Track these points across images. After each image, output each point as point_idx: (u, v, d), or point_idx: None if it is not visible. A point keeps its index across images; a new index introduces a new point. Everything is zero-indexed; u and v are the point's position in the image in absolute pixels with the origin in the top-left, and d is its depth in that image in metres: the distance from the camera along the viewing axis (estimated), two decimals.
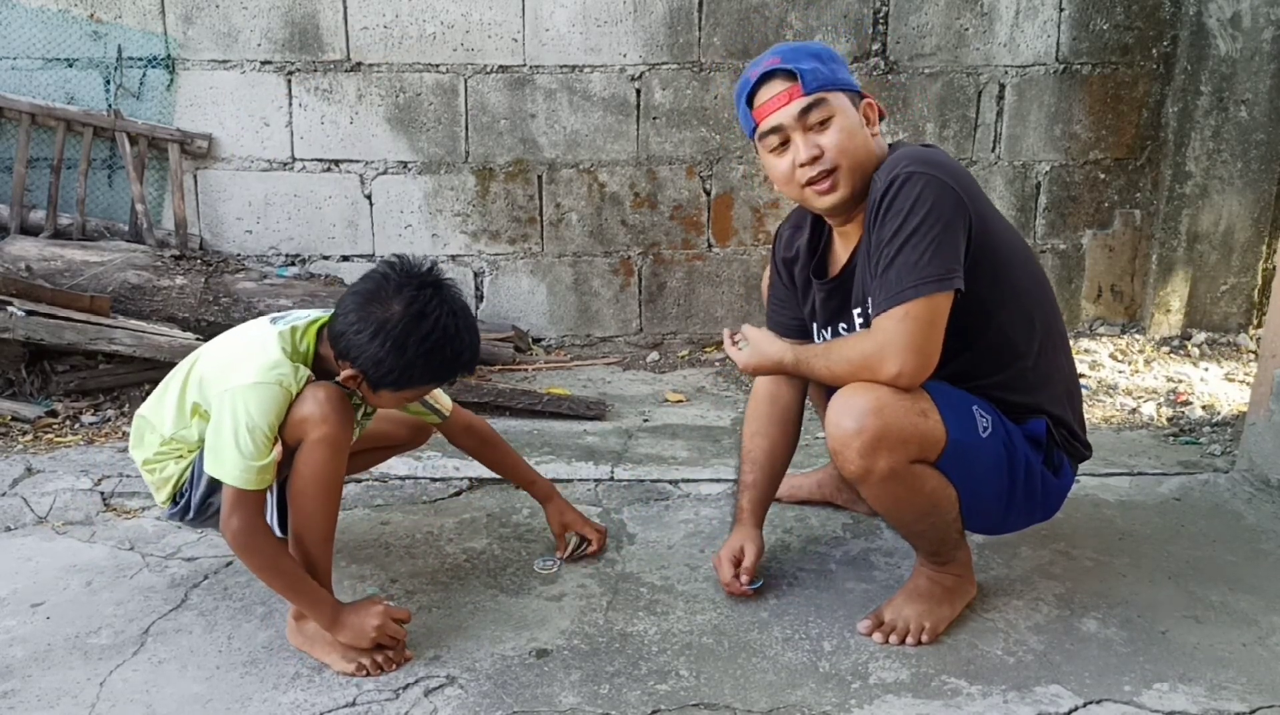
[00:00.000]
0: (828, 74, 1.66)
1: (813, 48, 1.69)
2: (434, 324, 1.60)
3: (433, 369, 1.64)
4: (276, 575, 1.63)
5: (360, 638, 1.64)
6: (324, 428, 1.61)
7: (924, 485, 1.65)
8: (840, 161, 1.67)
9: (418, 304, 1.59)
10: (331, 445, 1.63)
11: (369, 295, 1.62)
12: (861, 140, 1.68)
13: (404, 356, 1.59)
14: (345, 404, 1.66)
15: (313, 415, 1.61)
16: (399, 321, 1.58)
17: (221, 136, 3.55)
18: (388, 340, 1.58)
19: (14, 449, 2.62)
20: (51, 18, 3.41)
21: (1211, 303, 3.78)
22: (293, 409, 1.62)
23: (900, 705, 1.58)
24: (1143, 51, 3.66)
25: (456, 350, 1.64)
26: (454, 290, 1.66)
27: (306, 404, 1.61)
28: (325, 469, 1.64)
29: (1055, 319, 1.81)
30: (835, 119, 1.66)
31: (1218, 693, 1.62)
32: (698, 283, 3.78)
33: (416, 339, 1.59)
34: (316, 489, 1.65)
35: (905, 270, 1.56)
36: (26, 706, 1.56)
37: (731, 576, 1.89)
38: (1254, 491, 2.39)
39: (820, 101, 1.65)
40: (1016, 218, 3.76)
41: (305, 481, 1.64)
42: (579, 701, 1.58)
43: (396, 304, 1.59)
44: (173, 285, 3.22)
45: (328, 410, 1.61)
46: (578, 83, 3.58)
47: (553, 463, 2.57)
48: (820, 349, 1.71)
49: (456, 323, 1.63)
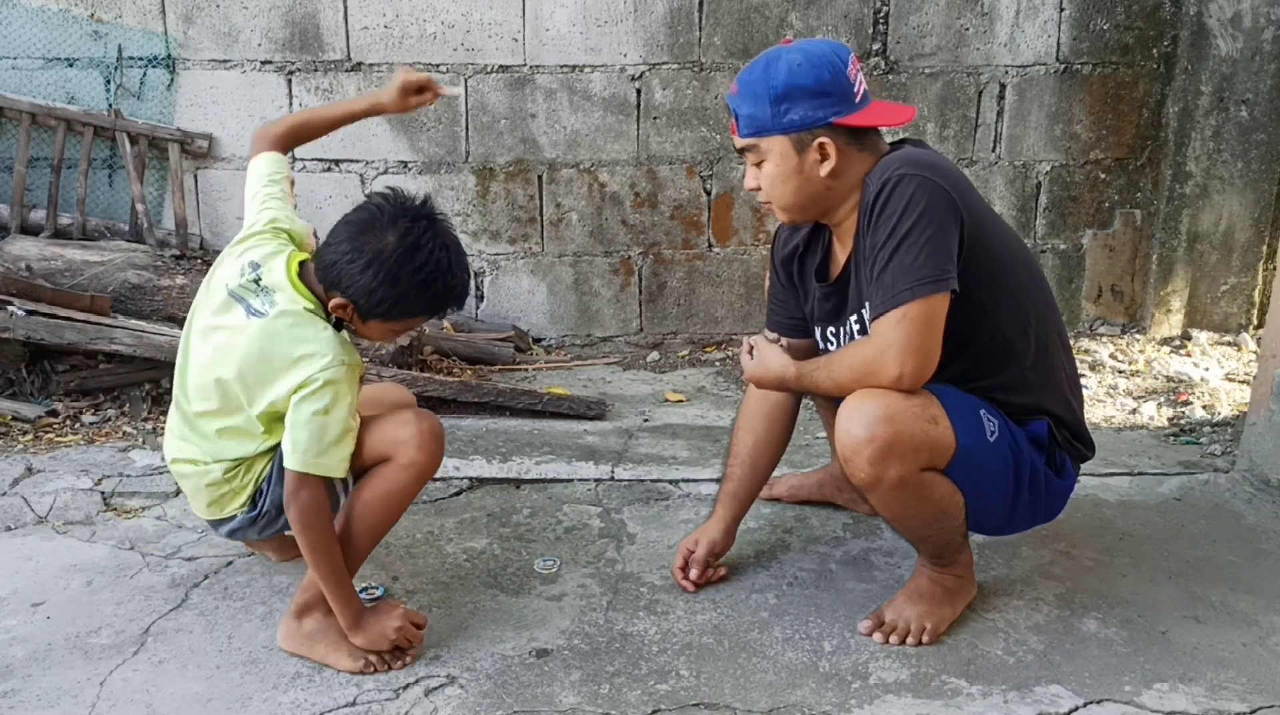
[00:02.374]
0: (763, 120, 1.66)
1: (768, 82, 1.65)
2: (428, 256, 1.59)
3: (425, 301, 1.64)
4: (326, 560, 1.62)
5: (380, 640, 1.65)
6: (420, 456, 1.65)
7: (933, 492, 1.65)
8: (770, 199, 1.74)
9: (412, 236, 1.59)
10: (420, 476, 1.67)
11: (363, 225, 1.61)
12: (796, 184, 1.69)
13: (397, 287, 1.59)
14: (443, 437, 1.69)
15: (410, 440, 1.64)
16: (393, 252, 1.58)
17: (222, 136, 3.55)
18: (381, 270, 1.58)
19: (14, 449, 2.62)
20: (52, 17, 3.41)
21: (1212, 303, 3.78)
22: (388, 426, 1.65)
23: (900, 705, 1.58)
24: (1143, 51, 3.66)
25: (449, 283, 1.64)
26: (447, 224, 1.66)
27: (406, 427, 1.64)
28: (403, 495, 1.68)
29: (1054, 319, 1.81)
30: (765, 164, 1.70)
31: (1218, 693, 1.62)
32: (698, 283, 3.78)
33: (410, 270, 1.59)
34: (386, 508, 1.68)
35: (900, 273, 1.57)
36: (27, 706, 1.56)
37: (678, 567, 1.95)
38: (1254, 491, 2.39)
39: (752, 147, 1.70)
40: (1017, 218, 3.77)
41: (379, 498, 1.66)
42: (579, 701, 1.59)
43: (390, 235, 1.59)
44: (173, 285, 3.22)
45: (428, 440, 1.65)
46: (578, 82, 3.58)
47: (553, 462, 2.57)
48: (822, 361, 1.72)
49: (449, 256, 1.62)
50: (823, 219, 1.79)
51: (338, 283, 1.61)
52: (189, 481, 1.75)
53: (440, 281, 1.63)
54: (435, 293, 1.64)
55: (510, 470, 2.53)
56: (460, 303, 1.71)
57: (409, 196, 1.65)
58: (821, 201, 1.73)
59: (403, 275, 1.59)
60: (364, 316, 1.64)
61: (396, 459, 1.64)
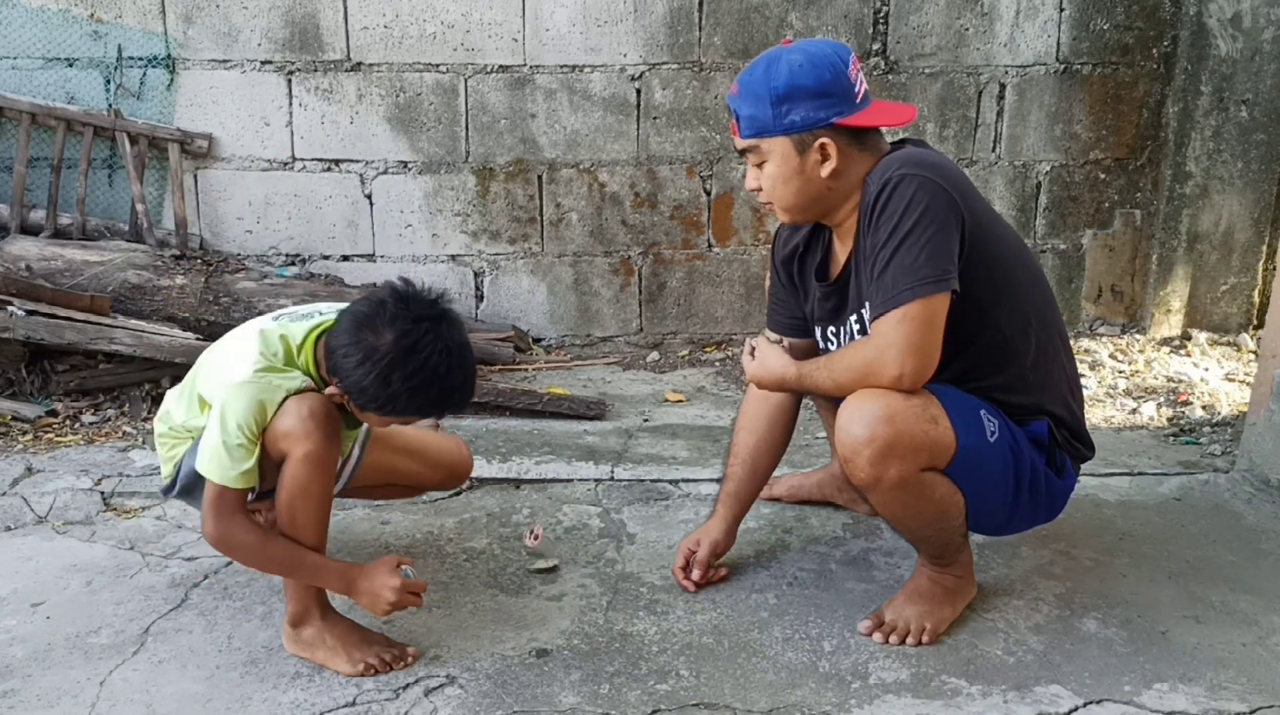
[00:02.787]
0: (764, 121, 1.66)
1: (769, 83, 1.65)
2: (423, 361, 1.55)
3: (416, 404, 1.60)
4: (269, 561, 1.63)
5: (377, 601, 1.62)
6: (306, 444, 1.57)
7: (933, 493, 1.65)
8: (771, 200, 1.74)
9: (410, 338, 1.55)
10: (314, 461, 1.59)
11: (364, 319, 1.58)
12: (797, 185, 1.69)
13: (387, 388, 1.56)
14: (329, 418, 1.61)
15: (294, 431, 1.57)
16: (387, 352, 1.54)
17: (222, 136, 3.55)
18: (373, 369, 1.55)
19: (14, 448, 2.62)
20: (52, 17, 3.41)
21: (1212, 303, 3.78)
22: (275, 422, 1.58)
23: (900, 705, 1.58)
24: (1143, 51, 3.66)
25: (445, 389, 1.60)
26: (455, 325, 1.61)
27: (288, 418, 1.58)
28: (311, 486, 1.61)
29: (1054, 319, 1.81)
30: (766, 164, 1.70)
31: (1218, 693, 1.62)
32: (698, 282, 3.78)
33: (402, 374, 1.55)
34: (304, 504, 1.62)
35: (901, 273, 1.57)
36: (26, 706, 1.56)
37: (679, 567, 1.95)
38: (1254, 491, 2.39)
39: (753, 148, 1.70)
40: (1017, 218, 3.77)
41: (292, 497, 1.61)
42: (579, 701, 1.59)
43: (388, 333, 1.55)
44: (173, 285, 3.22)
45: (310, 426, 1.57)
46: (578, 82, 3.58)
47: (553, 462, 2.57)
48: (822, 361, 1.72)
49: (449, 361, 1.57)
50: (823, 219, 1.79)
51: (335, 371, 1.61)
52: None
53: (434, 388, 1.58)
54: (427, 398, 1.60)
55: (510, 470, 2.53)
56: (459, 408, 1.68)
57: (421, 291, 1.61)
58: (823, 202, 1.73)
59: (394, 378, 1.54)
60: (359, 407, 1.63)
61: (292, 453, 1.59)
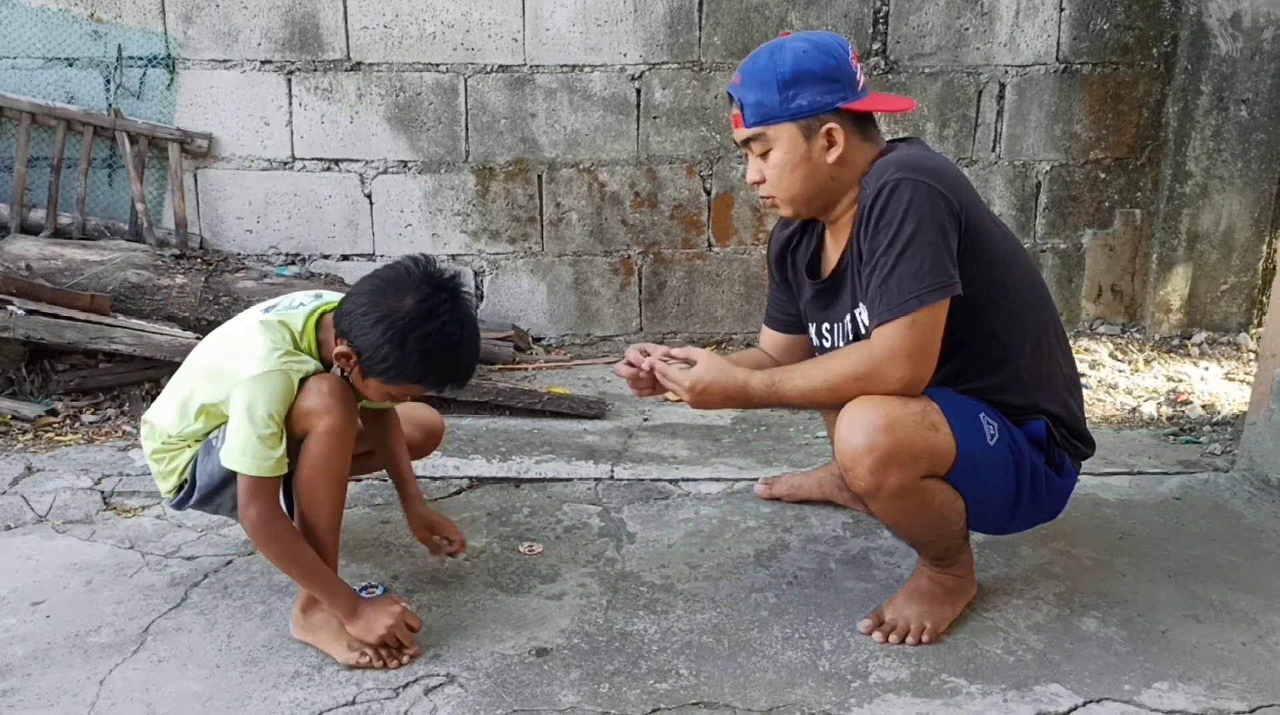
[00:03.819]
0: (771, 107, 1.65)
1: (775, 68, 1.64)
2: (440, 326, 1.61)
3: (426, 369, 1.64)
4: (295, 564, 1.65)
5: (368, 633, 1.65)
6: (328, 419, 1.63)
7: (933, 500, 1.65)
8: (775, 193, 1.72)
9: (430, 302, 1.61)
10: (336, 436, 1.64)
11: (387, 281, 1.64)
12: (804, 173, 1.69)
13: (401, 350, 1.60)
14: (348, 395, 1.67)
15: (316, 407, 1.62)
16: (406, 314, 1.60)
17: (222, 136, 3.55)
18: (390, 329, 1.59)
19: (14, 448, 2.62)
20: (51, 17, 3.41)
21: (1212, 302, 3.78)
22: (297, 401, 1.63)
23: (900, 704, 1.58)
24: (1143, 51, 3.66)
25: (454, 358, 1.65)
26: (468, 301, 1.68)
27: (310, 396, 1.63)
28: (331, 460, 1.66)
29: (1051, 318, 1.80)
30: (772, 153, 1.69)
31: (1218, 692, 1.62)
32: (698, 282, 3.78)
33: (419, 336, 1.60)
34: (323, 480, 1.66)
35: (906, 279, 1.56)
36: (26, 705, 1.56)
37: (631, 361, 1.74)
38: (1254, 491, 2.39)
39: (758, 136, 1.69)
40: (1016, 217, 3.77)
41: (312, 472, 1.65)
42: (579, 700, 1.59)
43: (410, 298, 1.61)
44: (173, 284, 3.22)
45: (331, 402, 1.63)
46: (578, 82, 3.58)
47: (553, 462, 2.57)
48: (805, 367, 1.67)
49: (462, 332, 1.64)
50: (821, 214, 1.78)
51: (348, 331, 1.64)
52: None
53: (446, 355, 1.63)
54: (438, 365, 1.64)
55: (510, 469, 2.53)
56: (461, 383, 1.71)
57: (441, 267, 1.67)
58: (826, 192, 1.72)
59: (410, 339, 1.60)
60: (365, 371, 1.65)
61: (314, 428, 1.64)
